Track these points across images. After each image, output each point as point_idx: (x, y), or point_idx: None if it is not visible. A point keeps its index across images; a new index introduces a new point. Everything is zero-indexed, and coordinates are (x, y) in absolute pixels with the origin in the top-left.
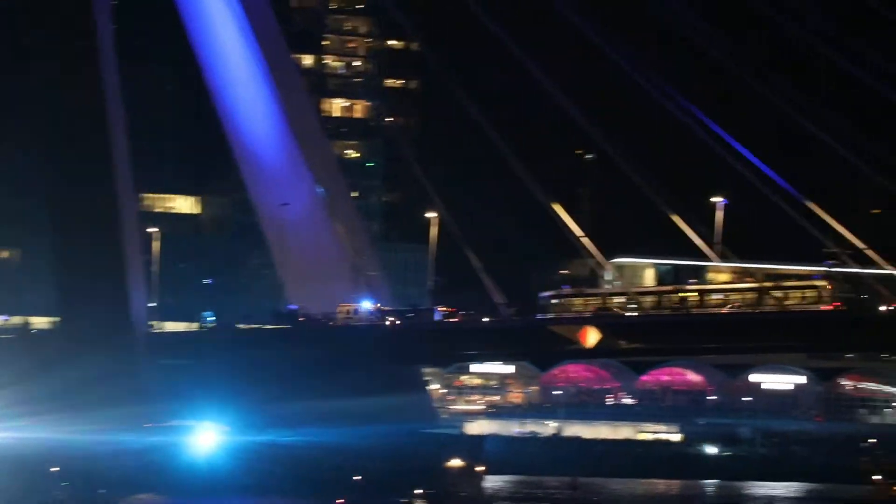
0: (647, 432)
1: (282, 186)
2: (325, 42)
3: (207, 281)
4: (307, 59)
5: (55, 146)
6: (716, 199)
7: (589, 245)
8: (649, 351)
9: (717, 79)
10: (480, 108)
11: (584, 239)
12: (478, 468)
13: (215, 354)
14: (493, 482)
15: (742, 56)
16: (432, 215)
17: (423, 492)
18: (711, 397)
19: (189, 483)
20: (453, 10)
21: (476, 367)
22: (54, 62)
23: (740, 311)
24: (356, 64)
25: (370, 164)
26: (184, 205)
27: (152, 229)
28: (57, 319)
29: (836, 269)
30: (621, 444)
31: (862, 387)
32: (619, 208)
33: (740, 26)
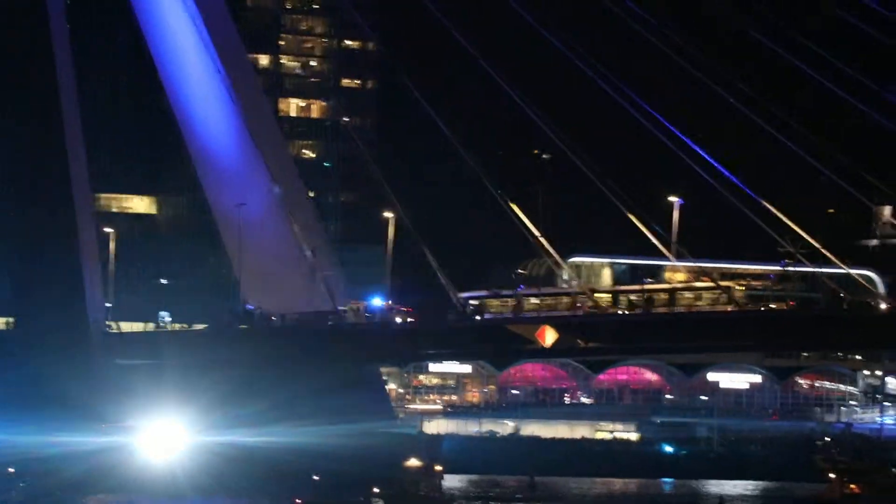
0: (604, 431)
1: (238, 186)
2: (282, 42)
3: (164, 281)
4: (263, 59)
5: (10, 147)
6: (673, 199)
7: (546, 244)
8: (606, 350)
9: (673, 78)
10: (437, 108)
11: (542, 238)
12: (436, 467)
13: (172, 354)
14: (450, 481)
15: (699, 56)
16: (389, 215)
17: (380, 491)
18: (668, 396)
19: (146, 484)
20: (410, 10)
21: (434, 367)
22: (8, 62)
23: (698, 310)
24: (313, 64)
25: (327, 164)
26: (140, 205)
27: (108, 229)
28: (12, 320)
29: (791, 267)
30: (578, 443)
31: (818, 385)
32: (576, 208)
33: (697, 26)
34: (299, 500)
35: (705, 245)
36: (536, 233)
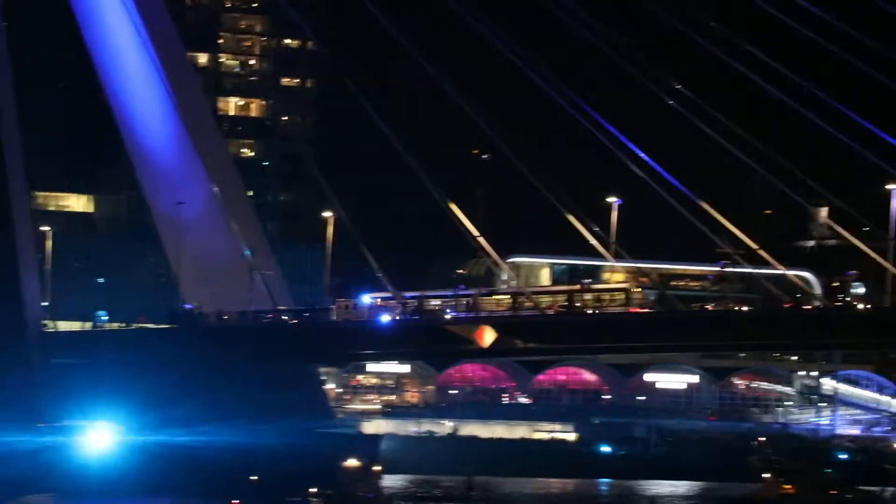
0: (542, 431)
1: (177, 185)
2: (221, 41)
3: (101, 280)
4: (202, 58)
5: None
6: (611, 199)
7: (485, 244)
8: (545, 350)
9: (611, 79)
10: (377, 107)
11: (481, 238)
12: (374, 468)
13: (109, 354)
14: (389, 481)
15: (636, 56)
16: (329, 214)
17: (318, 491)
18: (606, 396)
19: (83, 483)
20: (349, 9)
21: (372, 367)
22: None
23: (633, 311)
24: (252, 63)
25: (266, 163)
26: (77, 203)
27: (45, 228)
28: None
29: (728, 268)
30: (517, 443)
31: (754, 386)
32: (515, 208)
33: (634, 26)
34: (236, 501)
35: (644, 246)
36: (476, 233)
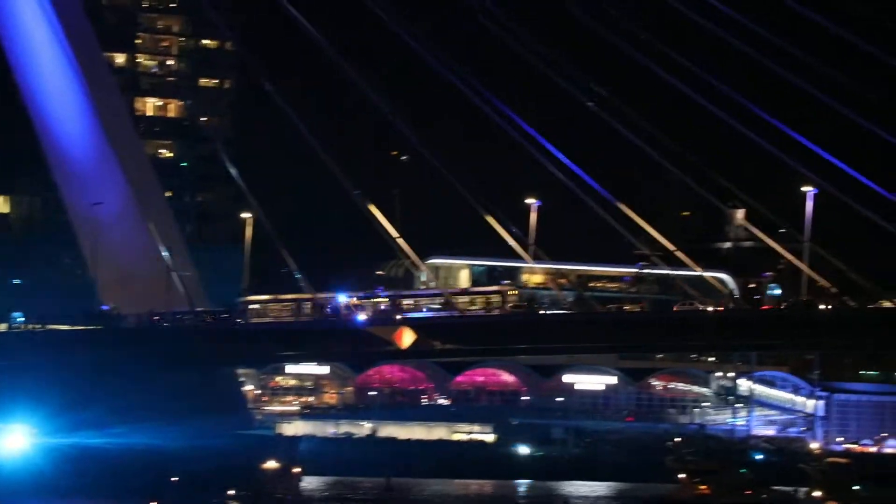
0: (461, 433)
1: (94, 186)
2: (139, 41)
3: (17, 281)
4: (120, 58)
5: None
6: (530, 201)
7: (404, 246)
8: (464, 352)
9: (531, 81)
10: (296, 108)
11: (400, 240)
12: (293, 469)
13: (24, 355)
14: (308, 483)
15: (556, 59)
16: (247, 215)
17: (236, 493)
18: (525, 398)
19: None
20: (267, 10)
21: (291, 368)
22: None
23: (552, 312)
24: (170, 63)
25: (184, 164)
26: None
27: None
28: None
29: (646, 269)
30: (435, 444)
31: (671, 387)
32: (434, 209)
33: (553, 28)
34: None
35: (563, 247)
36: (394, 234)
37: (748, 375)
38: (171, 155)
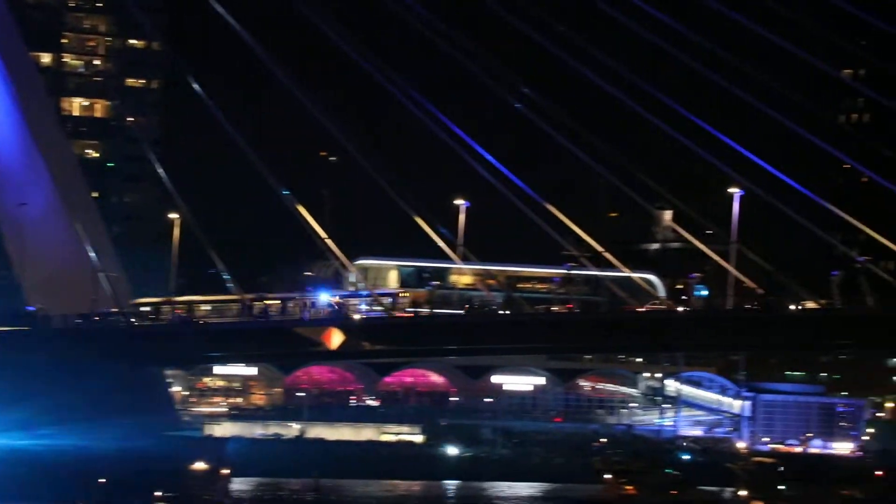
0: (389, 433)
1: (20, 186)
2: (65, 40)
3: None
4: (46, 58)
5: None
6: (458, 202)
7: (333, 246)
8: (392, 352)
9: (459, 82)
10: (224, 109)
11: (328, 240)
12: (222, 471)
13: None
14: (236, 484)
15: (485, 60)
16: (175, 216)
17: (164, 495)
18: (454, 398)
19: None
20: (195, 10)
21: (219, 369)
22: None
23: (480, 314)
24: (96, 63)
25: (111, 165)
26: None
27: None
28: None
29: (574, 270)
30: (364, 445)
31: (599, 388)
32: (363, 210)
33: (481, 29)
34: None
35: (492, 248)
36: (323, 235)
37: (675, 376)
38: (99, 155)
